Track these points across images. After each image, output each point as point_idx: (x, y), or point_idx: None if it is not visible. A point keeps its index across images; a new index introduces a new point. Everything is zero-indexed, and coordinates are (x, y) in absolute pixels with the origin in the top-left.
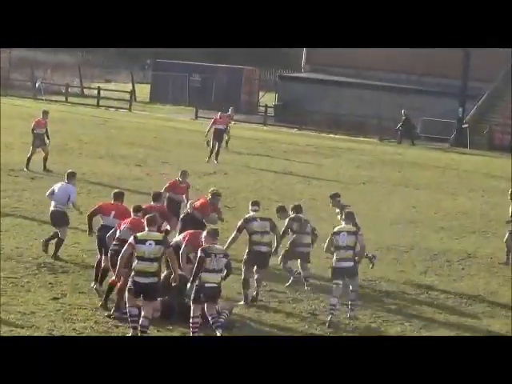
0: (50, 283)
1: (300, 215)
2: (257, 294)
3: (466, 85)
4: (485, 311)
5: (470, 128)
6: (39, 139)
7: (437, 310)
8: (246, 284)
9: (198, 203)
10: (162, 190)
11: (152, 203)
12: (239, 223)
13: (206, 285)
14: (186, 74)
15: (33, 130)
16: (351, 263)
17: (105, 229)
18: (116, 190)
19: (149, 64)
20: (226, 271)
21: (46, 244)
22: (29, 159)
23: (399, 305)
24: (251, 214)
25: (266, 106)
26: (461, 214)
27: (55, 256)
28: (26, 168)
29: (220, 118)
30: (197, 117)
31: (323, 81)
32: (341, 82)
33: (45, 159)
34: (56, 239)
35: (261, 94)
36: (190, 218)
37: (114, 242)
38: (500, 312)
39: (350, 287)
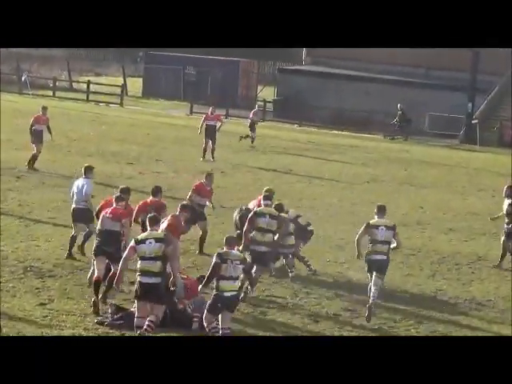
0: (37, 288)
1: (281, 214)
2: (248, 290)
3: (475, 78)
4: (496, 317)
5: (480, 124)
6: (37, 136)
7: (445, 315)
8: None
9: (194, 187)
10: (189, 194)
11: (151, 198)
12: (250, 215)
13: (225, 294)
14: (180, 66)
15: (31, 126)
16: (384, 257)
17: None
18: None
19: (141, 56)
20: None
21: (82, 247)
22: (34, 156)
23: (406, 310)
24: (262, 208)
25: (265, 101)
26: (470, 215)
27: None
28: (29, 167)
29: (212, 113)
30: (192, 112)
31: (325, 74)
32: (343, 75)
33: (35, 157)
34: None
35: (259, 87)
36: (190, 204)
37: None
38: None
39: (372, 283)
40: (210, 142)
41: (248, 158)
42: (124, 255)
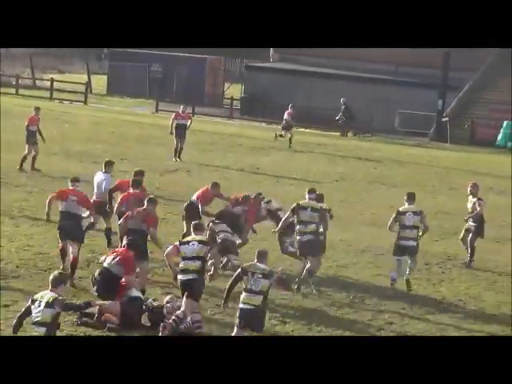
0: (0, 289)
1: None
2: (301, 280)
3: (446, 75)
4: (467, 316)
5: (451, 121)
6: (33, 137)
7: (416, 315)
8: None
9: (199, 193)
10: (198, 204)
11: (131, 190)
12: (293, 206)
13: (240, 305)
14: (145, 64)
15: (27, 126)
16: (414, 242)
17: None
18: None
19: (105, 53)
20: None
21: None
22: (24, 158)
23: (376, 310)
24: (306, 201)
25: (232, 99)
26: (441, 214)
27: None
28: (20, 168)
29: (182, 112)
30: (157, 110)
31: (293, 71)
32: (312, 72)
33: (34, 158)
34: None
35: (226, 85)
36: (192, 207)
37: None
38: (482, 316)
39: (409, 262)
40: (180, 140)
41: (214, 157)
42: (166, 252)
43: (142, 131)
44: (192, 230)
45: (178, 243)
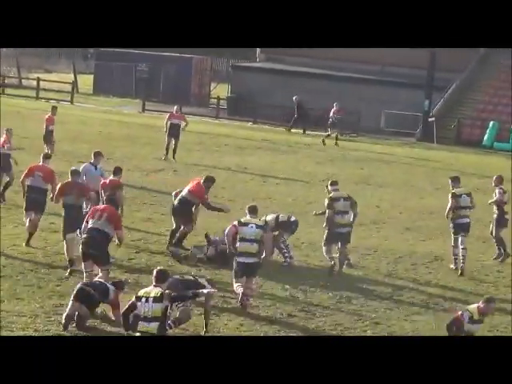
0: None
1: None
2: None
3: (432, 75)
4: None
5: (437, 122)
6: (50, 136)
7: (402, 316)
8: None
9: (192, 187)
10: (192, 198)
11: (112, 177)
12: (327, 201)
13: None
14: (132, 63)
15: (46, 126)
16: (468, 220)
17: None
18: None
19: (92, 53)
20: None
21: None
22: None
23: (362, 311)
24: (337, 192)
25: (218, 98)
26: (427, 214)
27: None
28: None
29: (176, 112)
30: (144, 109)
31: (279, 71)
32: (298, 72)
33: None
34: None
35: (212, 85)
36: (184, 202)
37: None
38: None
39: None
40: (173, 140)
41: (201, 157)
42: (226, 231)
43: (128, 131)
44: (248, 212)
45: (236, 223)
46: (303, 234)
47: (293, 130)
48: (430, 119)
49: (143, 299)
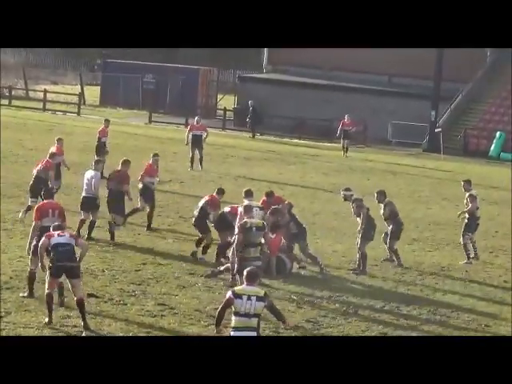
0: None
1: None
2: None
3: (438, 86)
4: (460, 327)
5: (444, 132)
6: (103, 147)
7: (408, 326)
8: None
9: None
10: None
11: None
12: (359, 203)
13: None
14: (138, 75)
15: (99, 138)
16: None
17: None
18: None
19: (98, 64)
20: None
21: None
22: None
23: (367, 321)
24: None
25: (225, 110)
26: (434, 225)
27: (89, 237)
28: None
29: (197, 123)
30: (151, 121)
31: (286, 82)
32: (304, 83)
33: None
34: (89, 223)
35: (219, 96)
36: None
37: None
38: (477, 328)
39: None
40: (197, 151)
41: (208, 168)
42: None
43: (135, 142)
44: (244, 195)
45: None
46: (310, 244)
47: (297, 141)
48: (436, 130)
49: (244, 297)
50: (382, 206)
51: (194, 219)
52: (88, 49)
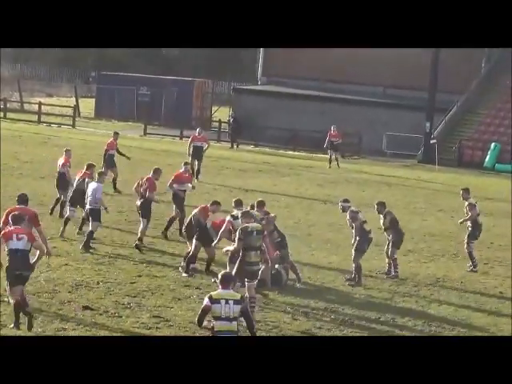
0: None
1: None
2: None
3: (433, 97)
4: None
5: (439, 143)
6: (111, 160)
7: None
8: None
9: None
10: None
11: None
12: (357, 224)
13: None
14: (133, 87)
15: (106, 151)
16: None
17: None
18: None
19: (93, 77)
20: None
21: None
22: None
23: (363, 333)
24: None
25: (220, 122)
26: (429, 236)
27: (85, 248)
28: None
29: (198, 134)
30: (146, 133)
31: (280, 94)
32: (299, 94)
33: (114, 180)
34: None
35: (214, 108)
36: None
37: None
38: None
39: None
40: (196, 162)
41: (203, 180)
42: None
43: (131, 154)
44: (234, 205)
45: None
46: (305, 256)
47: (292, 152)
48: (431, 141)
49: (222, 301)
50: (382, 216)
51: (184, 226)
52: (83, 61)
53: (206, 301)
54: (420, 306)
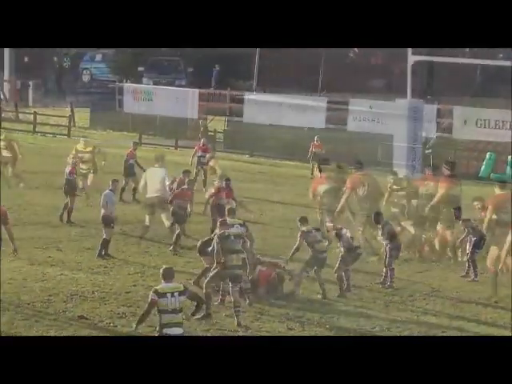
0: None
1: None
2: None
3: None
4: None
5: (434, 154)
6: (131, 169)
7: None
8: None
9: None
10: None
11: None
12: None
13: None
14: None
15: (126, 161)
16: None
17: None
18: None
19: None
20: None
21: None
22: (122, 189)
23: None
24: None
25: (215, 131)
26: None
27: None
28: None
29: (203, 144)
30: (141, 143)
31: (276, 103)
32: (296, 104)
33: (134, 189)
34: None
35: (209, 117)
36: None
37: None
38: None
39: None
40: (203, 172)
41: (197, 189)
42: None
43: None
44: (227, 214)
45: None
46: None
47: (288, 162)
48: (426, 151)
49: (169, 295)
50: (380, 226)
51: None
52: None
53: (151, 295)
54: (415, 316)
